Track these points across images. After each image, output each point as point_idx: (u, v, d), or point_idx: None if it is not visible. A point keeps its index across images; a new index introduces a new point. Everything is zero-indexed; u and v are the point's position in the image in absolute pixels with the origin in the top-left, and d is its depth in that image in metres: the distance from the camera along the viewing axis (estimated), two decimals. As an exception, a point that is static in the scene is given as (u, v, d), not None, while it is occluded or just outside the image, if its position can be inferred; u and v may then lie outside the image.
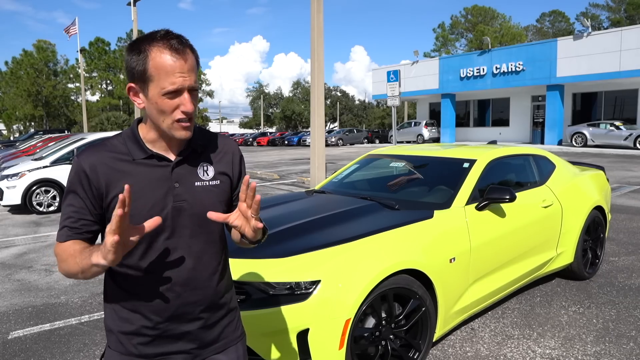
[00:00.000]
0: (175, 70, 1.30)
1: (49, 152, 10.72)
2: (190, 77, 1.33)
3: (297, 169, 17.36)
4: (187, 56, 1.33)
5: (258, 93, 74.25)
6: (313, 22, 10.00)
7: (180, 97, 1.33)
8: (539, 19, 59.66)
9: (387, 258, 2.85)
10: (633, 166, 14.95)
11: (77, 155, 1.41)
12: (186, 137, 1.38)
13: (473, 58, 28.35)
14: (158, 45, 1.31)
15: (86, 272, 1.28)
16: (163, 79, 1.30)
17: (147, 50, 1.31)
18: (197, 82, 1.36)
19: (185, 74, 1.31)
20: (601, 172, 5.45)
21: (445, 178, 4.03)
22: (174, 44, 1.31)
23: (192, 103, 1.35)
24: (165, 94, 1.31)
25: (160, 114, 1.34)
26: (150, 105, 1.35)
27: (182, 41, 1.33)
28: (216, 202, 1.48)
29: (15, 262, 6.06)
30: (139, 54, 1.32)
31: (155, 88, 1.32)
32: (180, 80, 1.31)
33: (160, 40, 1.31)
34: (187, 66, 1.32)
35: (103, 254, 1.18)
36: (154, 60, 1.30)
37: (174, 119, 1.34)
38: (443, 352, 3.36)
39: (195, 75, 1.35)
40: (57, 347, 3.63)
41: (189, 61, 1.33)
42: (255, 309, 2.61)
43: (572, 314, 3.96)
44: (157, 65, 1.30)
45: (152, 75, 1.31)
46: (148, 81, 1.32)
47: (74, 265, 1.30)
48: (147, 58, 1.31)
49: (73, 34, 29.89)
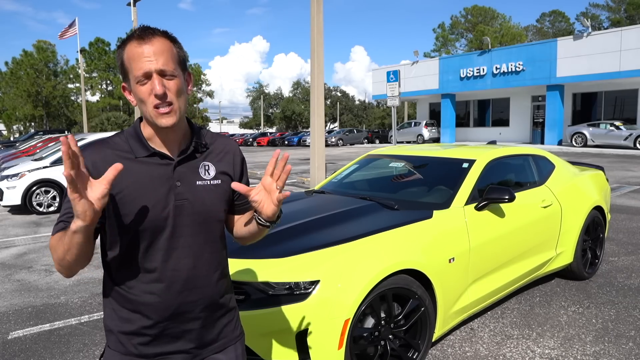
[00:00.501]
0: (142, 55, 1.32)
1: (49, 153, 10.74)
2: (157, 60, 1.32)
3: (297, 169, 17.36)
4: (154, 41, 1.33)
5: (258, 93, 74.25)
6: (313, 23, 10.01)
7: (150, 81, 1.33)
8: (539, 19, 59.70)
9: (386, 258, 2.85)
10: (633, 166, 14.95)
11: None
12: (168, 124, 1.35)
13: (473, 58, 28.35)
14: (130, 40, 1.35)
15: (71, 247, 1.23)
16: (133, 67, 1.33)
17: (123, 46, 1.36)
18: (168, 65, 1.33)
19: (150, 57, 1.32)
20: (601, 172, 5.45)
21: (444, 178, 4.04)
22: (140, 33, 1.34)
23: (163, 86, 1.33)
24: (138, 82, 1.33)
25: (141, 104, 1.36)
26: (134, 98, 1.37)
27: (153, 30, 1.35)
28: (217, 202, 1.48)
29: (15, 263, 6.07)
30: (118, 51, 1.38)
31: (132, 79, 1.35)
32: (146, 65, 1.31)
33: (129, 37, 1.36)
34: (152, 49, 1.32)
35: (75, 213, 1.15)
36: (126, 53, 1.35)
37: (152, 106, 1.34)
38: (442, 352, 3.37)
39: (163, 58, 1.33)
40: (57, 347, 3.63)
41: (155, 45, 1.33)
42: (255, 309, 2.62)
43: (571, 314, 3.97)
44: (127, 56, 1.34)
45: (127, 67, 1.35)
46: (127, 74, 1.36)
47: (61, 247, 1.26)
48: (123, 53, 1.36)
49: (72, 35, 29.88)
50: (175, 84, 1.36)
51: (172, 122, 1.36)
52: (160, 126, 1.36)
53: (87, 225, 1.17)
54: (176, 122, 1.37)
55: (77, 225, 1.17)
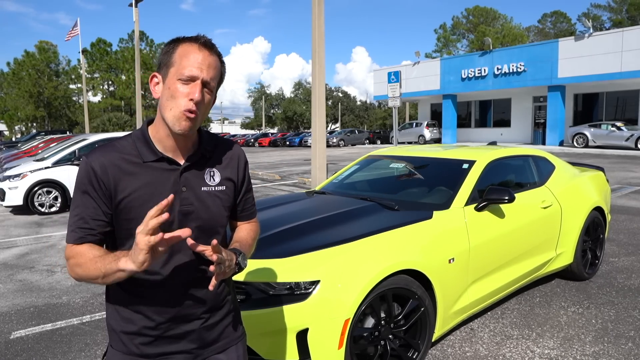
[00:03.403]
0: (196, 60, 1.36)
1: (51, 153, 10.76)
2: (207, 71, 1.37)
3: (298, 169, 17.37)
4: (211, 54, 1.39)
5: (259, 94, 74.26)
6: (314, 23, 10.02)
7: (192, 85, 1.36)
8: (541, 19, 59.65)
9: (386, 258, 2.87)
10: (634, 167, 14.93)
11: (86, 156, 1.41)
12: (184, 131, 1.37)
13: (474, 59, 28.34)
14: (191, 40, 1.40)
15: (108, 277, 1.29)
16: (183, 64, 1.36)
17: (180, 42, 1.40)
18: (213, 81, 1.39)
19: (203, 66, 1.36)
20: (601, 173, 5.46)
21: (444, 179, 4.05)
22: (203, 40, 1.40)
23: (202, 95, 1.37)
24: (180, 79, 1.36)
25: (170, 100, 1.37)
26: (165, 91, 1.38)
27: (212, 44, 1.41)
28: (221, 208, 1.50)
29: (17, 263, 6.09)
30: (171, 45, 1.40)
31: (173, 72, 1.37)
32: (197, 70, 1.35)
33: (194, 38, 1.40)
34: (207, 61, 1.37)
35: (132, 258, 1.19)
36: (181, 49, 1.38)
37: (181, 108, 1.35)
38: (442, 352, 3.38)
39: (213, 73, 1.39)
40: (59, 347, 3.65)
41: (210, 57, 1.39)
42: (255, 308, 2.63)
43: (571, 314, 3.98)
44: (181, 52, 1.38)
45: (175, 61, 1.37)
46: (170, 66, 1.38)
47: (94, 270, 1.30)
48: (176, 47, 1.39)
49: (74, 35, 29.94)
50: (209, 99, 1.41)
51: (188, 129, 1.38)
52: (175, 130, 1.38)
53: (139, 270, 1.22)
54: (192, 131, 1.40)
55: (130, 269, 1.22)
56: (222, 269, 1.32)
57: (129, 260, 1.21)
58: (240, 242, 1.56)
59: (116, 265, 1.24)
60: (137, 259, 1.18)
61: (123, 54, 58.50)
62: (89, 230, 1.38)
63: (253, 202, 1.70)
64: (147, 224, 1.17)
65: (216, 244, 1.27)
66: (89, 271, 1.32)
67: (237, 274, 1.47)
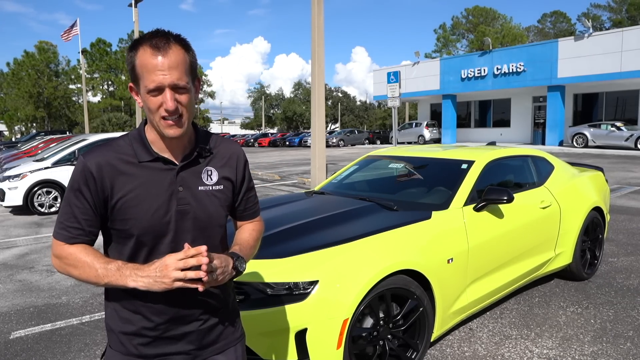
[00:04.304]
0: (156, 67, 1.29)
1: (51, 153, 10.77)
2: (171, 74, 1.29)
3: (298, 169, 17.38)
4: (170, 53, 1.30)
5: (259, 94, 74.27)
6: (314, 23, 10.03)
7: (162, 95, 1.31)
8: (540, 19, 59.69)
9: (385, 258, 2.87)
10: (634, 167, 14.94)
11: (83, 155, 1.40)
12: (174, 135, 1.36)
13: (474, 59, 28.34)
14: (144, 43, 1.32)
15: (109, 284, 1.33)
16: (146, 77, 1.31)
17: (136, 48, 1.33)
18: (181, 80, 1.32)
19: (165, 72, 1.29)
20: (600, 173, 5.46)
21: (443, 179, 4.06)
22: (156, 42, 1.30)
23: (175, 101, 1.32)
24: (149, 92, 1.32)
25: (149, 112, 1.36)
26: (143, 103, 1.36)
27: (168, 39, 1.32)
28: (218, 207, 1.50)
29: (16, 263, 6.09)
30: (131, 53, 1.34)
31: (142, 86, 1.33)
32: (160, 78, 1.29)
33: (147, 39, 1.32)
34: (167, 63, 1.29)
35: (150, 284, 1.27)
36: (139, 58, 1.32)
37: (160, 116, 1.34)
38: (441, 352, 3.38)
39: (177, 72, 1.31)
40: (59, 347, 3.66)
41: (171, 58, 1.30)
42: (254, 309, 2.64)
43: (570, 314, 3.98)
44: (140, 63, 1.31)
45: (139, 73, 1.33)
46: (138, 79, 1.34)
47: (94, 278, 1.33)
48: (135, 56, 1.33)
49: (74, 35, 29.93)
50: (187, 97, 1.35)
51: (179, 133, 1.37)
52: (165, 135, 1.37)
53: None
54: (183, 132, 1.38)
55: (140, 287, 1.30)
56: (214, 277, 1.33)
57: (140, 279, 1.28)
58: (241, 245, 1.56)
59: (123, 281, 1.30)
60: (155, 287, 1.27)
61: (123, 54, 58.39)
62: (80, 230, 1.38)
63: (256, 201, 1.69)
64: (186, 262, 1.25)
65: (205, 250, 1.29)
66: (86, 275, 1.34)
67: (236, 277, 1.47)
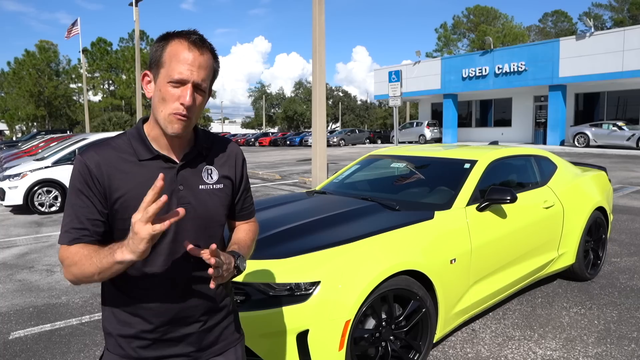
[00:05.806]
0: (186, 61, 1.31)
1: (51, 153, 10.76)
2: (198, 73, 1.32)
3: (298, 169, 17.36)
4: (203, 53, 1.34)
5: (260, 93, 74.29)
6: (315, 23, 10.00)
7: (183, 88, 1.32)
8: (542, 19, 59.55)
9: (387, 259, 2.85)
10: (635, 167, 14.90)
11: (81, 154, 1.38)
12: (177, 132, 1.35)
13: (475, 58, 28.31)
14: (181, 37, 1.34)
15: (105, 272, 1.24)
16: (173, 67, 1.32)
17: (169, 40, 1.35)
18: (205, 82, 1.35)
19: (194, 68, 1.32)
20: (603, 173, 5.43)
21: (446, 179, 4.03)
22: (194, 39, 1.33)
23: (193, 98, 1.33)
24: (170, 82, 1.32)
25: (161, 103, 1.34)
26: (156, 92, 1.35)
27: (204, 41, 1.36)
28: (219, 206, 1.48)
29: (16, 263, 6.07)
30: (161, 42, 1.35)
31: (164, 74, 1.33)
32: (187, 73, 1.31)
33: (184, 35, 1.35)
34: (198, 61, 1.32)
35: (131, 247, 1.15)
36: (171, 47, 1.33)
37: (172, 111, 1.33)
38: (443, 353, 3.36)
39: (204, 73, 1.34)
40: (58, 347, 3.63)
41: (202, 57, 1.33)
42: (255, 309, 2.61)
43: (573, 315, 3.95)
44: (171, 52, 1.33)
45: (165, 61, 1.33)
46: (160, 67, 1.34)
47: (89, 266, 1.25)
48: (166, 46, 1.34)
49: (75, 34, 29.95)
50: (201, 100, 1.37)
51: (181, 130, 1.36)
52: (168, 131, 1.36)
53: (138, 261, 1.19)
54: (186, 132, 1.38)
55: (128, 259, 1.18)
56: (220, 272, 1.29)
57: (126, 250, 1.17)
58: (239, 244, 1.54)
59: (112, 258, 1.20)
60: (137, 249, 1.15)
61: (123, 54, 58.45)
62: (84, 230, 1.34)
63: (251, 202, 1.68)
64: (146, 211, 1.13)
65: (215, 249, 1.25)
66: (84, 268, 1.27)
67: (236, 276, 1.45)
